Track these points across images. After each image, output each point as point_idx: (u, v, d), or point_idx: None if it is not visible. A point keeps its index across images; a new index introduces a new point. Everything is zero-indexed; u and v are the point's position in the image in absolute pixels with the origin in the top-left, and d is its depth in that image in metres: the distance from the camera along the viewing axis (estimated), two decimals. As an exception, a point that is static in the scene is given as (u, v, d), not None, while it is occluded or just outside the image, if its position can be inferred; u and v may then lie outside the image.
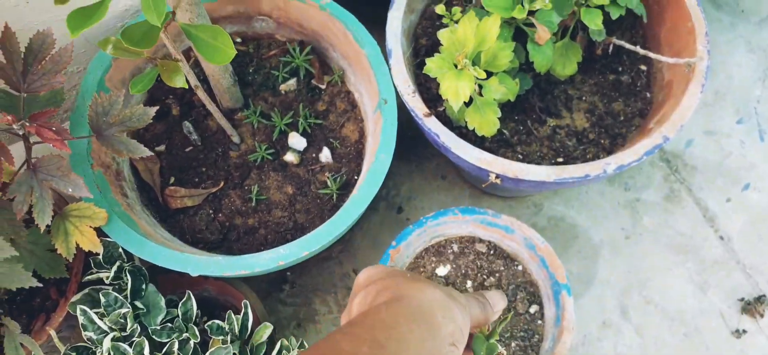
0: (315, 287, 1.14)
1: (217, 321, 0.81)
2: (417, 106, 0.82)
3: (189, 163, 0.93)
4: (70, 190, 0.66)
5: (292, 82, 0.95)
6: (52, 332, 0.81)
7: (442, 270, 0.96)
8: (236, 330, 0.80)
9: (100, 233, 0.79)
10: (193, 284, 0.92)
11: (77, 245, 0.78)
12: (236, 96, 0.92)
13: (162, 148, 0.94)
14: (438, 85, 0.89)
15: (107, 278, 0.82)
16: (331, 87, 0.95)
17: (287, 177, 0.92)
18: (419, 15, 0.93)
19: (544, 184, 0.79)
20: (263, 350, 0.84)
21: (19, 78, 0.68)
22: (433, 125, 0.81)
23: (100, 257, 0.83)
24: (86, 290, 0.82)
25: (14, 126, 0.67)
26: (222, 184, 0.91)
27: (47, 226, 0.71)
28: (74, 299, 0.82)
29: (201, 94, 0.82)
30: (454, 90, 0.68)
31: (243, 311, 0.82)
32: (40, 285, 0.69)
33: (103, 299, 0.78)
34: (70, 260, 0.78)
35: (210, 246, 0.89)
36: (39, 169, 0.67)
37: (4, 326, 0.76)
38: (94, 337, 0.78)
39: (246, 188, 0.92)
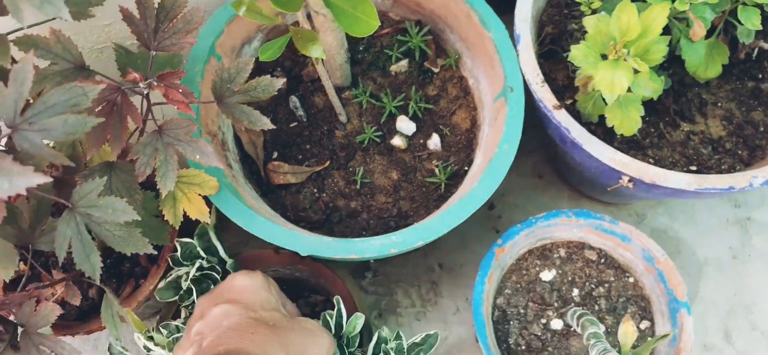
0: (398, 278, 1.10)
1: (326, 314, 0.77)
2: (545, 97, 0.77)
3: (293, 140, 0.90)
4: (198, 156, 0.63)
5: (403, 64, 0.90)
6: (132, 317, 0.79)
7: (547, 275, 0.91)
8: (343, 324, 0.76)
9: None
10: (279, 263, 0.89)
11: (184, 212, 0.76)
12: (346, 74, 0.88)
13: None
14: (565, 76, 0.84)
15: (187, 275, 0.79)
16: (444, 71, 0.91)
17: (393, 162, 0.88)
18: (546, 1, 0.88)
19: (682, 192, 0.73)
20: (357, 342, 0.80)
21: (151, 35, 0.65)
22: (563, 119, 0.76)
23: (178, 253, 0.80)
24: (171, 276, 0.80)
25: (140, 84, 0.64)
26: (327, 163, 0.87)
27: (157, 191, 0.69)
28: (161, 285, 0.79)
29: (320, 68, 0.78)
30: (609, 82, 0.63)
31: (337, 306, 0.78)
32: (155, 252, 0.67)
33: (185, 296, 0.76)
34: (176, 228, 0.76)
35: (311, 226, 0.85)
36: (165, 131, 0.64)
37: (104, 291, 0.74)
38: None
39: (350, 169, 0.88)
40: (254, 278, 0.65)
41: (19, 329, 0.63)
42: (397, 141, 0.88)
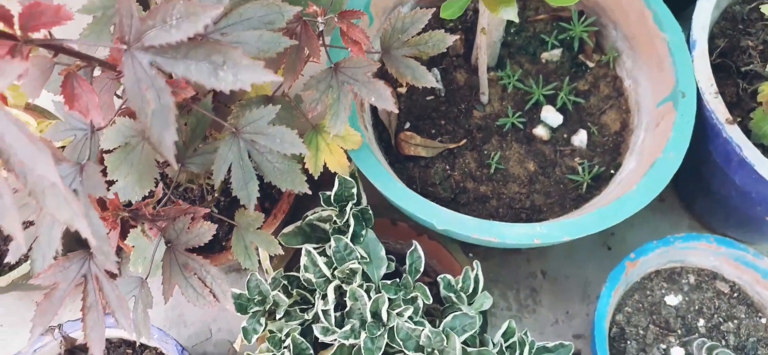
0: (496, 278, 1.05)
1: (448, 276, 0.73)
2: (718, 109, 0.71)
3: (428, 113, 0.86)
4: (373, 98, 0.60)
5: (556, 53, 0.86)
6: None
7: (673, 300, 0.85)
8: (470, 289, 0.72)
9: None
10: (394, 236, 0.85)
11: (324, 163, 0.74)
12: (495, 54, 0.85)
13: (403, 90, 0.88)
14: (734, 92, 0.78)
15: (328, 217, 0.76)
16: (598, 68, 0.86)
17: (531, 152, 0.83)
18: (720, 13, 0.82)
19: None
20: (480, 323, 0.76)
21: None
22: (734, 134, 0.70)
23: (332, 193, 0.77)
24: (299, 223, 0.77)
25: (319, 19, 0.62)
26: (463, 142, 0.84)
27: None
28: (286, 230, 0.77)
29: (483, 40, 0.75)
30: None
31: (474, 272, 0.73)
32: (310, 192, 0.64)
33: (333, 244, 0.72)
34: (315, 178, 0.73)
35: (438, 203, 0.82)
36: (341, 70, 0.61)
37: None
38: (314, 279, 0.72)
39: (485, 152, 0.84)
40: None
41: (162, 246, 0.61)
42: (540, 131, 0.83)
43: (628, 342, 0.83)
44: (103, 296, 0.56)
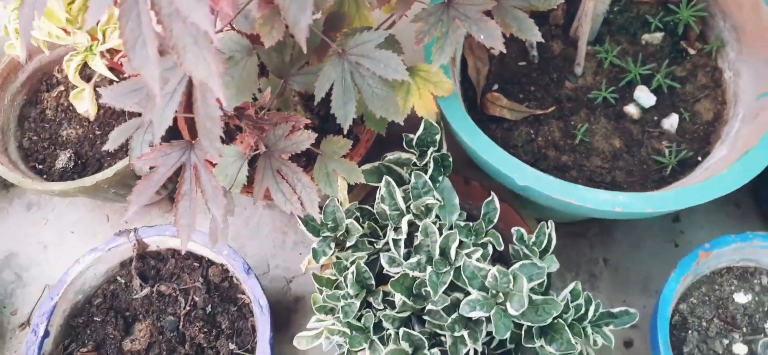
0: (557, 258, 1.04)
1: (521, 229, 0.73)
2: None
3: (518, 78, 0.86)
4: (482, 36, 0.60)
5: (658, 36, 0.84)
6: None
7: (742, 298, 0.82)
8: (542, 245, 0.72)
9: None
10: (465, 195, 0.85)
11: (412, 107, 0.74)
12: (596, 28, 0.83)
13: (496, 52, 0.88)
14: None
15: (407, 160, 0.77)
16: (698, 56, 0.84)
17: (618, 129, 0.82)
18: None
19: None
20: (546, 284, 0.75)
21: None
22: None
23: (415, 136, 0.78)
24: (377, 163, 0.78)
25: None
26: (551, 108, 0.83)
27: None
28: (364, 168, 0.77)
29: (590, 8, 0.74)
30: None
31: (549, 230, 0.73)
32: (402, 123, 0.65)
33: (412, 179, 0.73)
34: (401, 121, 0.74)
35: (517, 166, 0.81)
36: (454, 5, 0.62)
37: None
38: (388, 211, 0.73)
39: (571, 123, 0.83)
40: None
41: (261, 150, 0.63)
42: (631, 109, 0.82)
43: (690, 332, 0.81)
44: (200, 185, 0.58)
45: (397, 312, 0.70)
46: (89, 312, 0.87)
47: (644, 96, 0.81)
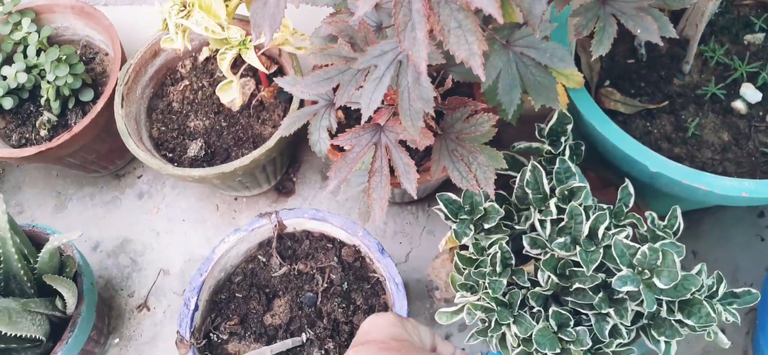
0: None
1: (653, 213, 0.77)
2: None
3: (628, 74, 0.91)
4: (639, 30, 0.65)
5: (760, 36, 0.89)
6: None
7: None
8: (674, 227, 0.76)
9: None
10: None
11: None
12: (701, 28, 0.88)
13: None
14: None
15: (537, 149, 0.82)
16: (801, 56, 0.89)
17: (725, 123, 0.86)
18: None
19: None
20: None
21: None
22: None
23: (547, 126, 0.82)
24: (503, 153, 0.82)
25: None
26: (664, 103, 0.88)
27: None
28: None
29: (709, 8, 0.78)
30: None
31: (679, 215, 0.77)
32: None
33: (557, 164, 0.78)
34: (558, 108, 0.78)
35: (633, 156, 0.86)
36: (609, 2, 0.66)
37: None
38: (531, 196, 0.77)
39: (682, 117, 0.87)
40: (381, 317, 0.56)
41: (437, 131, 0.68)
42: (738, 105, 0.86)
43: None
44: (392, 161, 0.63)
45: (543, 290, 0.75)
46: (230, 289, 0.91)
47: (750, 92, 0.86)
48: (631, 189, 0.77)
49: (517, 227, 0.79)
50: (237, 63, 0.95)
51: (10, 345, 0.86)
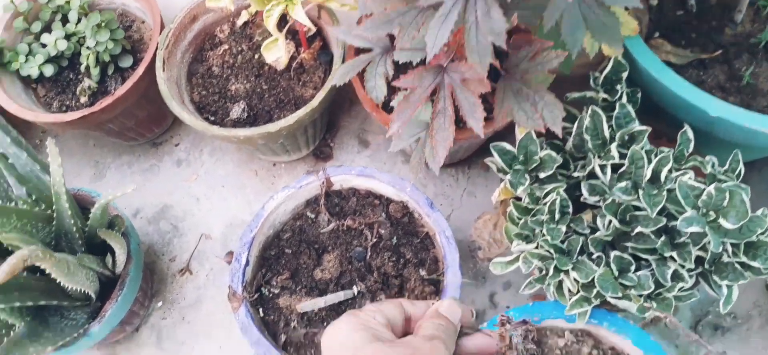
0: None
1: (713, 158, 0.75)
2: None
3: (677, 25, 0.89)
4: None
5: (814, -16, 0.87)
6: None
7: None
8: (735, 171, 0.74)
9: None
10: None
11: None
12: (755, -24, 0.86)
13: (655, 1, 0.90)
14: None
15: (591, 98, 0.80)
16: None
17: (780, 72, 0.85)
18: None
19: None
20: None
21: None
22: None
23: (601, 75, 0.81)
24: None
25: None
26: (717, 52, 0.86)
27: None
28: None
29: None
30: None
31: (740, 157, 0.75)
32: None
33: (617, 109, 0.76)
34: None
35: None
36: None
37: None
38: (590, 143, 0.76)
39: (735, 67, 0.85)
40: (338, 330, 0.47)
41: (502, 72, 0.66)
42: (793, 53, 0.84)
43: None
44: (456, 100, 0.61)
45: (604, 236, 0.73)
46: (279, 245, 0.90)
47: (807, 40, 0.84)
48: (691, 134, 0.76)
49: (574, 174, 0.78)
50: (280, 24, 0.94)
51: (62, 302, 0.86)
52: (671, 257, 0.71)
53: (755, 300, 0.98)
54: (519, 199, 0.82)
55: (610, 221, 0.72)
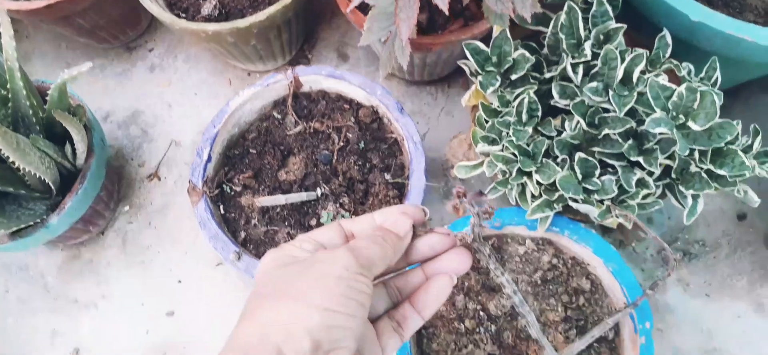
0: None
1: (689, 65, 0.73)
2: None
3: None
4: None
5: None
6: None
7: None
8: (711, 79, 0.72)
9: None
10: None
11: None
12: None
13: None
14: None
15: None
16: None
17: (769, -11, 0.81)
18: None
19: None
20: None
21: None
22: None
23: None
24: None
25: None
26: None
27: None
28: None
29: None
30: None
31: (716, 65, 0.73)
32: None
33: (594, 7, 0.73)
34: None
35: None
36: None
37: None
38: (565, 42, 0.73)
39: (722, -19, 0.82)
40: (258, 268, 0.42)
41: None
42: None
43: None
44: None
45: (570, 138, 0.71)
46: (244, 145, 0.88)
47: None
48: (669, 39, 0.73)
49: (546, 75, 0.75)
50: None
51: (20, 191, 0.84)
52: (638, 163, 0.70)
53: (725, 229, 0.97)
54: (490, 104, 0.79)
55: (578, 123, 0.70)
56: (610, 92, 0.68)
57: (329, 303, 0.35)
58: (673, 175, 0.71)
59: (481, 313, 0.76)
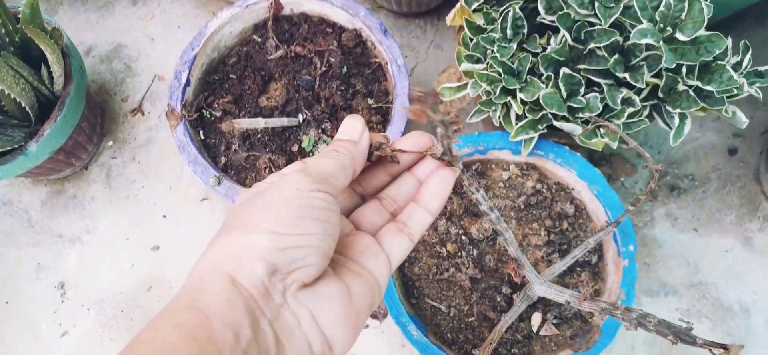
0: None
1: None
2: None
3: None
4: None
5: None
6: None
7: None
8: None
9: None
10: None
11: None
12: None
13: None
14: None
15: None
16: None
17: None
18: None
19: None
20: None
21: None
22: None
23: None
24: None
25: None
26: None
27: None
28: None
29: None
30: None
31: None
32: None
33: None
34: None
35: None
36: None
37: None
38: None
39: None
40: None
41: None
42: None
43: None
44: None
45: (555, 53, 0.69)
46: (224, 71, 0.86)
47: None
48: (659, -47, 0.70)
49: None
50: None
51: (-5, 114, 0.83)
52: (624, 80, 0.68)
53: (715, 164, 0.95)
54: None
55: (563, 37, 0.67)
56: (597, 4, 0.65)
57: (278, 226, 0.34)
58: (660, 95, 0.69)
59: (463, 237, 0.75)
